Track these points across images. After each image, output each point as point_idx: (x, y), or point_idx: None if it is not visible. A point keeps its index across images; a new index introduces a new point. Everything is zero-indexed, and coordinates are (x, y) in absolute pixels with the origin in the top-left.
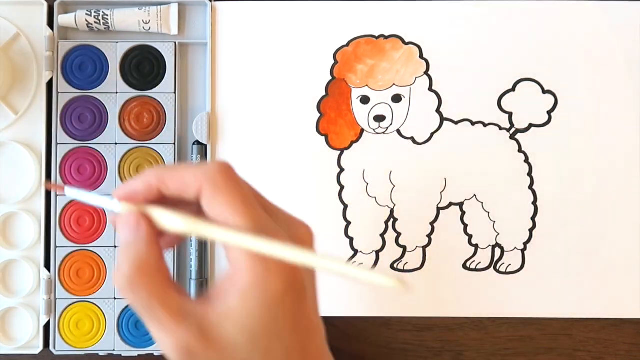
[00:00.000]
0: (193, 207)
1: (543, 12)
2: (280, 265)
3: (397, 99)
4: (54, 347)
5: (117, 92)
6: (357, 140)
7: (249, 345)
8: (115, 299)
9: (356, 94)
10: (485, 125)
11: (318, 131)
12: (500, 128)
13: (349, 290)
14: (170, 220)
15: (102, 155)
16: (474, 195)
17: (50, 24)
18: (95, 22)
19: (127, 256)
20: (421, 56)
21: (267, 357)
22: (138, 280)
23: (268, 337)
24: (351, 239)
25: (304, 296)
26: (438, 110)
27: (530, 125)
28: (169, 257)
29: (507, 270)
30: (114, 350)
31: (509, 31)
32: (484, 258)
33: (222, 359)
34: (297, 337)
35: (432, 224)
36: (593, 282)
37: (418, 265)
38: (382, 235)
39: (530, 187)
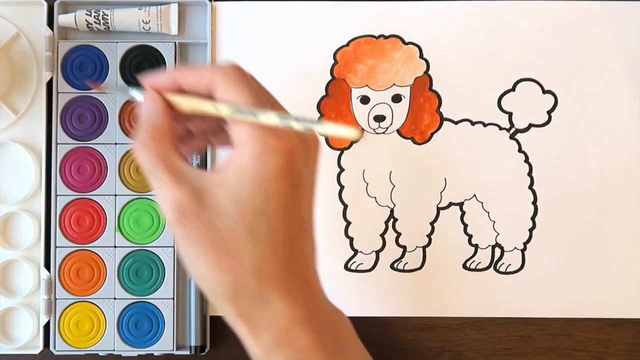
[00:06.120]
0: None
1: (543, 12)
2: (279, 147)
3: (397, 99)
4: (54, 347)
5: None
6: (357, 140)
7: (236, 215)
8: (115, 299)
9: (356, 94)
10: (485, 125)
11: None
12: (500, 128)
13: (349, 290)
14: (180, 100)
15: (102, 155)
16: (474, 195)
17: (50, 24)
18: (95, 22)
19: (144, 124)
20: (421, 56)
21: (251, 231)
22: (148, 142)
23: (255, 212)
24: (351, 239)
25: (298, 187)
26: (438, 110)
27: (530, 125)
28: (170, 255)
29: (507, 270)
30: (114, 350)
31: (509, 31)
32: (484, 258)
33: (210, 222)
34: (285, 225)
35: (432, 224)
36: (593, 282)
37: (418, 265)
38: (382, 235)
39: (530, 187)
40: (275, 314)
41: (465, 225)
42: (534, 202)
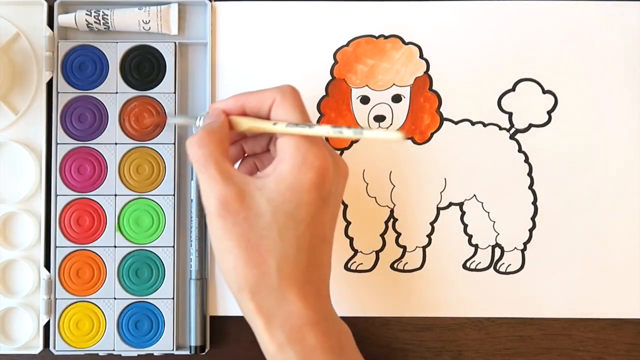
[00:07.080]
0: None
1: (543, 12)
2: (315, 164)
3: (397, 99)
4: (54, 347)
5: (117, 92)
6: (357, 140)
7: (270, 216)
8: (115, 298)
9: (356, 94)
10: (485, 125)
11: None
12: (500, 128)
13: (349, 290)
14: (242, 120)
15: (102, 155)
16: (474, 195)
17: (50, 24)
18: (95, 22)
19: (204, 127)
20: (421, 56)
21: (280, 233)
22: (205, 141)
23: (286, 217)
24: (351, 239)
25: (325, 202)
26: (438, 110)
27: (530, 125)
28: (170, 255)
29: (507, 270)
30: (113, 350)
31: (509, 31)
32: (484, 258)
33: (247, 220)
34: (309, 233)
35: (432, 224)
36: (593, 282)
37: (418, 265)
38: (382, 235)
39: (530, 187)
40: (290, 312)
41: (465, 226)
42: (534, 202)
